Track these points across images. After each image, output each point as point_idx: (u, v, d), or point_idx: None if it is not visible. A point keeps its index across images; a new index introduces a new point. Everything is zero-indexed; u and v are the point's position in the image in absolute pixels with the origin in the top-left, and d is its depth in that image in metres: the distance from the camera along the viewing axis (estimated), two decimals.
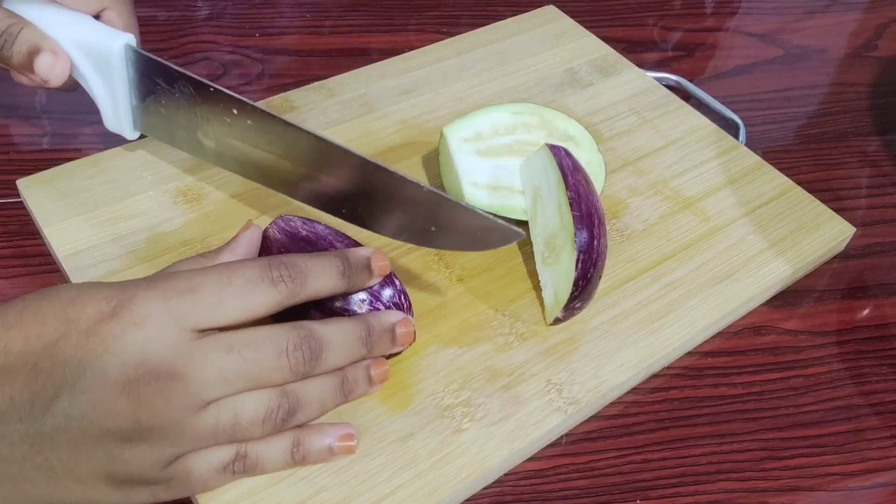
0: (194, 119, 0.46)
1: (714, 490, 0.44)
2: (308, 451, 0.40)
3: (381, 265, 0.41)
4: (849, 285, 0.55)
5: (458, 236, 0.43)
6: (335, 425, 0.41)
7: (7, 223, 0.51)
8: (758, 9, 0.79)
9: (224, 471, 0.37)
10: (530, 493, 0.43)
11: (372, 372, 0.41)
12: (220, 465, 0.37)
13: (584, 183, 0.48)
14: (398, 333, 0.41)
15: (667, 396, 0.48)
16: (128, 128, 0.50)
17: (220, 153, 0.47)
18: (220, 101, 0.45)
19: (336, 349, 0.39)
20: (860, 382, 0.50)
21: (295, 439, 0.39)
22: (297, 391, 0.38)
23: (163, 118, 0.48)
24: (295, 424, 0.39)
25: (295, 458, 0.39)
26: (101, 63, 0.47)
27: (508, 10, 0.70)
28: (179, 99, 0.46)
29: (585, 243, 0.45)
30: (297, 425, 0.39)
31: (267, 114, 0.43)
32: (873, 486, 0.45)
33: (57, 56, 0.46)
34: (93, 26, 0.47)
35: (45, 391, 0.32)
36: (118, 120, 0.49)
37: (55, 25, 0.46)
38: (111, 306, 0.34)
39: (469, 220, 0.42)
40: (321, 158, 0.43)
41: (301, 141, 0.43)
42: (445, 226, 0.43)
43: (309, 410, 0.39)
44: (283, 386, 0.37)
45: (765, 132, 0.66)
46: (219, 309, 0.36)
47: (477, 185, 0.50)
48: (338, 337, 0.39)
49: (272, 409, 0.37)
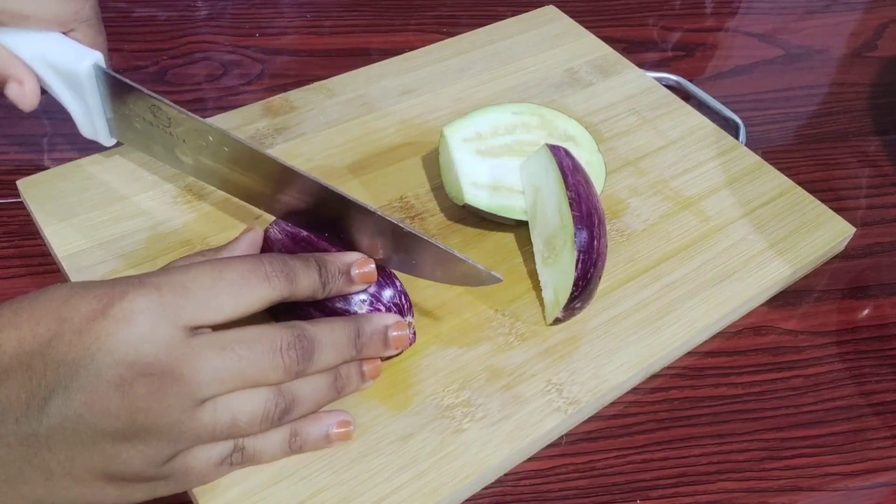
0: (170, 138, 0.46)
1: (714, 490, 0.44)
2: (305, 440, 0.40)
3: (363, 272, 0.41)
4: (849, 285, 0.55)
5: (439, 271, 0.43)
6: (330, 413, 0.41)
7: (7, 223, 0.51)
8: (758, 9, 0.79)
9: (222, 464, 0.38)
10: (530, 493, 0.43)
11: (364, 368, 0.42)
12: (218, 459, 0.37)
13: (584, 183, 0.48)
14: (391, 336, 0.41)
15: (667, 396, 0.48)
16: (104, 136, 0.50)
17: (199, 169, 0.47)
18: (196, 127, 0.44)
19: (327, 349, 0.39)
20: (860, 382, 0.50)
21: (292, 430, 0.39)
22: (293, 389, 0.38)
23: (138, 133, 0.48)
24: (291, 420, 0.39)
25: (293, 448, 0.40)
26: (71, 80, 0.46)
27: (508, 10, 0.70)
28: (152, 119, 0.46)
29: (585, 243, 0.45)
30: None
31: (241, 142, 0.43)
32: (873, 486, 0.45)
33: (23, 85, 0.46)
34: (61, 43, 0.47)
35: (39, 391, 0.32)
36: (94, 129, 0.49)
37: (22, 44, 0.46)
38: (102, 304, 0.33)
39: (442, 257, 0.42)
40: (294, 186, 0.43)
41: (274, 169, 0.43)
42: (421, 259, 0.43)
43: (303, 407, 0.39)
44: (278, 385, 0.38)
45: (765, 132, 0.66)
46: (212, 304, 0.35)
47: (477, 185, 0.50)
48: (329, 337, 0.39)
49: (269, 409, 0.37)
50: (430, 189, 0.54)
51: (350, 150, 0.56)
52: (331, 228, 0.44)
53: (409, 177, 0.55)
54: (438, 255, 0.42)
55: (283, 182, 0.43)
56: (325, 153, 0.55)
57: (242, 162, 0.44)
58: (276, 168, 0.43)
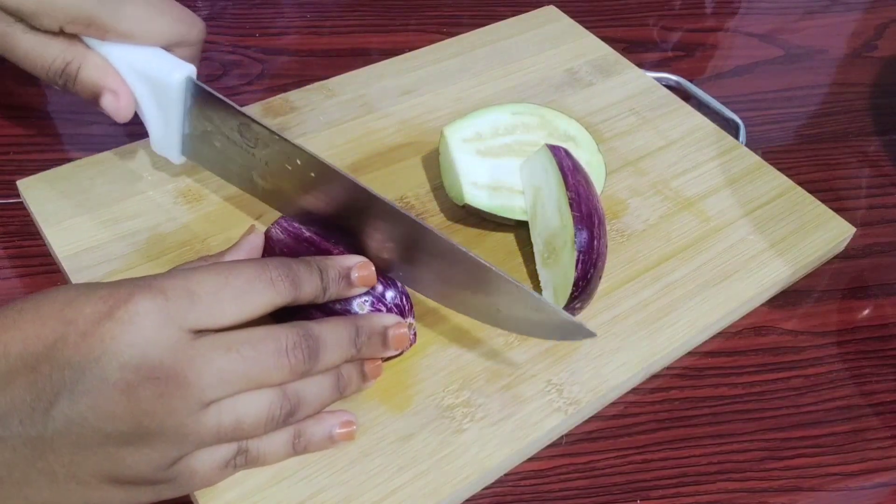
0: (251, 160, 0.45)
1: (714, 490, 0.44)
2: (309, 441, 0.40)
3: (364, 275, 0.41)
4: (849, 285, 0.55)
5: (516, 321, 0.42)
6: (333, 413, 0.41)
7: (7, 223, 0.51)
8: (758, 9, 0.79)
9: (226, 466, 0.38)
10: (531, 494, 0.43)
11: (365, 368, 0.42)
12: (222, 461, 0.37)
13: (584, 183, 0.48)
14: (390, 336, 0.41)
15: (667, 396, 0.48)
16: (175, 153, 0.48)
17: (274, 194, 0.46)
18: (285, 150, 0.43)
19: (331, 348, 0.39)
20: (860, 382, 0.50)
21: (295, 431, 0.39)
22: (298, 391, 0.38)
23: (216, 152, 0.47)
24: (295, 421, 0.39)
25: (297, 449, 0.40)
26: (160, 91, 0.46)
27: (508, 11, 0.70)
28: (237, 138, 0.45)
29: (585, 243, 0.45)
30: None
31: (334, 170, 0.42)
32: (873, 486, 0.45)
33: (118, 97, 0.45)
34: (156, 54, 0.46)
35: (44, 394, 0.32)
36: (166, 144, 0.48)
37: (117, 54, 0.45)
38: (108, 306, 0.33)
39: (523, 302, 0.41)
40: (370, 213, 0.42)
41: (359, 196, 0.42)
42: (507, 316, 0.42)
43: (308, 408, 0.39)
44: (282, 386, 0.38)
45: (765, 132, 0.66)
46: (217, 309, 0.35)
47: (477, 185, 0.50)
48: (331, 336, 0.39)
49: (274, 410, 0.37)
50: (430, 189, 0.54)
51: (350, 151, 0.56)
52: (355, 235, 0.43)
53: (409, 177, 0.55)
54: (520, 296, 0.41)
55: (360, 209, 0.42)
56: (326, 153, 0.55)
57: (328, 189, 0.43)
58: (363, 196, 0.41)
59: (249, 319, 0.37)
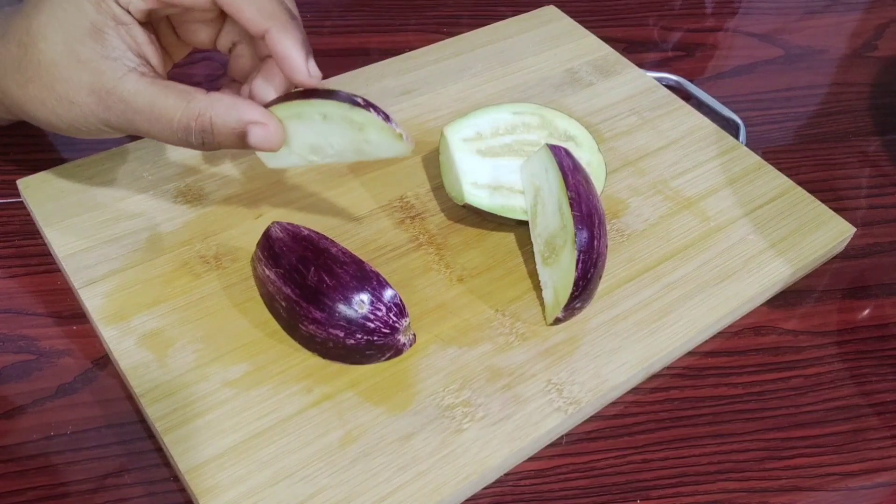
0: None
1: (714, 490, 0.44)
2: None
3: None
4: (849, 285, 0.55)
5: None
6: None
7: (7, 223, 0.51)
8: (758, 9, 0.79)
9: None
10: (531, 493, 0.43)
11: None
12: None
13: (585, 183, 0.48)
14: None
15: (667, 396, 0.48)
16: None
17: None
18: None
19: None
20: (860, 382, 0.50)
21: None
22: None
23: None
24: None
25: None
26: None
27: (508, 10, 0.70)
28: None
29: (586, 243, 0.45)
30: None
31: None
32: (873, 486, 0.45)
33: (267, 126, 0.41)
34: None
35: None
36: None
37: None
38: None
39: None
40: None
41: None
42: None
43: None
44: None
45: (765, 132, 0.66)
46: None
47: (477, 185, 0.50)
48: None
49: None
50: (430, 189, 0.54)
51: None
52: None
53: (409, 177, 0.55)
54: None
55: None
56: None
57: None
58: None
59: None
